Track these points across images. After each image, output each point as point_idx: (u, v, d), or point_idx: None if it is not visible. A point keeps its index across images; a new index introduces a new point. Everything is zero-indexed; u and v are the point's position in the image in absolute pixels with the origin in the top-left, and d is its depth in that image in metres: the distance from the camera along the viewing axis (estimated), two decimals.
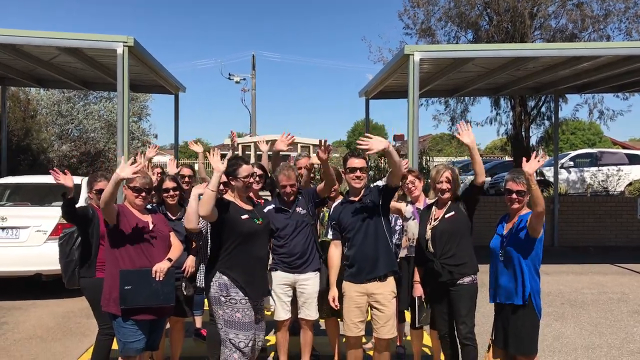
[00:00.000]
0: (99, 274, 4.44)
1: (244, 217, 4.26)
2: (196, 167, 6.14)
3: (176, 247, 4.33)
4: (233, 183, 4.34)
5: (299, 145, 31.87)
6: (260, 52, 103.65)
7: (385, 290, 4.49)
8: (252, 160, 12.03)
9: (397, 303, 4.70)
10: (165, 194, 4.96)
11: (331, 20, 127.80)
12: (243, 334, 4.19)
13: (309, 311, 4.93)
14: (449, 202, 4.61)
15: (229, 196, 4.39)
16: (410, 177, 5.14)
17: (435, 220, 4.61)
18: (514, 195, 4.18)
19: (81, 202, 8.46)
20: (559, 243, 13.39)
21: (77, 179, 9.49)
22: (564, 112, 33.93)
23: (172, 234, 4.37)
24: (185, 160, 34.11)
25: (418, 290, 4.75)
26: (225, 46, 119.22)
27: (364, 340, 4.85)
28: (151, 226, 4.17)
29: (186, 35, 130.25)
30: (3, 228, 7.83)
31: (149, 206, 4.55)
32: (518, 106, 16.86)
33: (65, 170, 4.39)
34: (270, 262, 4.85)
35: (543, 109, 17.50)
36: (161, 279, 4.06)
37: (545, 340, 6.25)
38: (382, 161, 15.84)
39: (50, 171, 4.48)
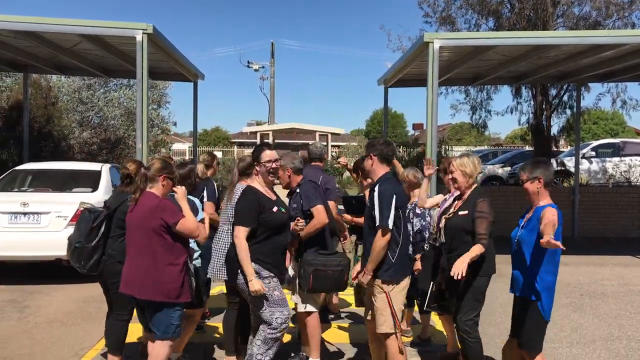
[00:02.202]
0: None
1: (274, 209, 4.33)
2: (199, 166, 6.11)
3: None
4: (257, 168, 4.41)
5: (317, 133, 31.86)
6: (279, 39, 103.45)
7: (376, 283, 4.28)
8: None
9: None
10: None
11: (351, 8, 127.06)
12: (287, 310, 4.30)
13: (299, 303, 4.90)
14: (466, 196, 4.45)
15: (256, 184, 4.41)
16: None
17: (452, 211, 4.51)
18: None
19: (101, 189, 8.58)
20: (579, 234, 13.24)
21: (97, 166, 9.67)
22: (586, 101, 33.33)
23: None
24: (204, 147, 34.33)
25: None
26: (245, 34, 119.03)
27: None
28: None
29: (205, 23, 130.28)
30: (25, 213, 7.95)
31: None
32: (539, 95, 16.63)
33: None
34: None
35: (565, 98, 17.22)
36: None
37: (564, 331, 6.21)
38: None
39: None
